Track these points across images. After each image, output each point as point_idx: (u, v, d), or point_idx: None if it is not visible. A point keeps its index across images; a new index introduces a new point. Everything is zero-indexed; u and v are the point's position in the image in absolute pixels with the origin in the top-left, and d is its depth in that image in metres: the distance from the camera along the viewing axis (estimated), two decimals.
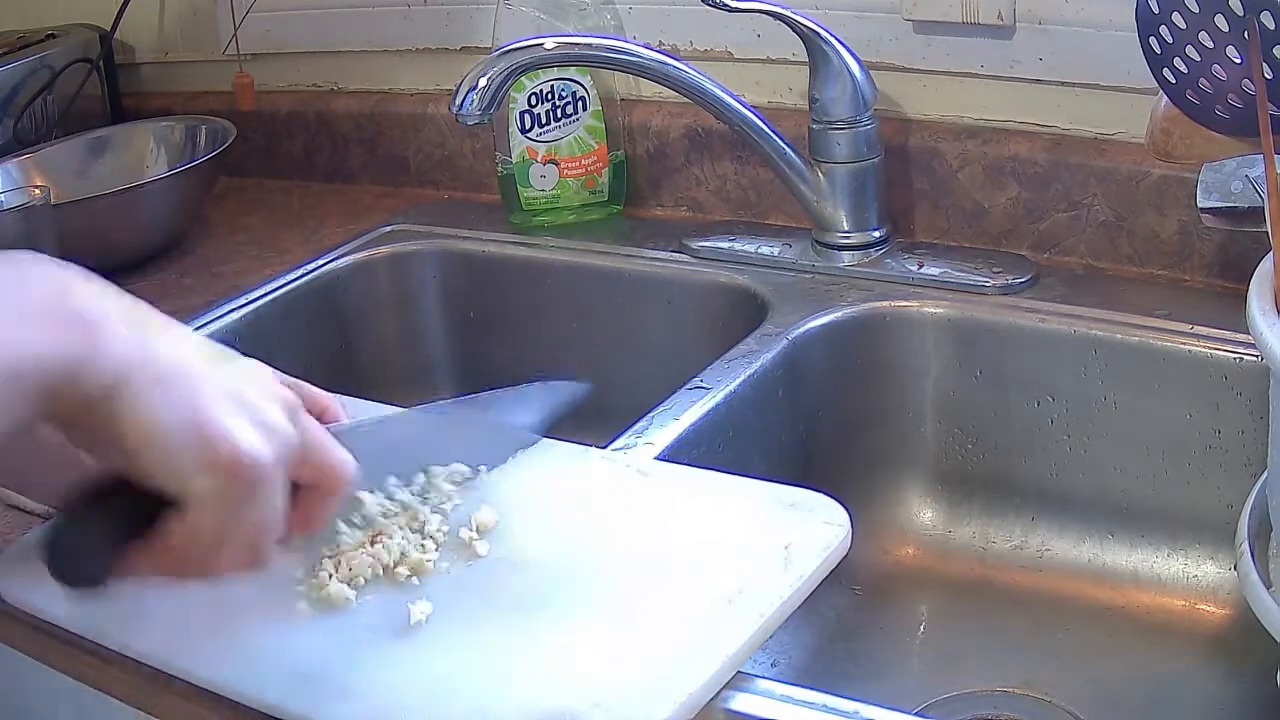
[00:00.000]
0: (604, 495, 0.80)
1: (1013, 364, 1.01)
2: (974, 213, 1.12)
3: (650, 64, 1.07)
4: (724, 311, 1.12)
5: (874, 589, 1.03)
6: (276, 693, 0.67)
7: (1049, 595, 1.00)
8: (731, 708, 0.66)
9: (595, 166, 1.23)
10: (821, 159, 1.09)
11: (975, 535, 1.05)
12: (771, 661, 0.95)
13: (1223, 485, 0.95)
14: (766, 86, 1.21)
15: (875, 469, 1.07)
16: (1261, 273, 0.72)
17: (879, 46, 1.13)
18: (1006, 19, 1.07)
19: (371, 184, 1.42)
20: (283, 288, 1.19)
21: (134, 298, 0.61)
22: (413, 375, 1.28)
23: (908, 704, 0.91)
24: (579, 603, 0.71)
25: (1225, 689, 0.92)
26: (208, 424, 0.57)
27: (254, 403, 0.59)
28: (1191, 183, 0.92)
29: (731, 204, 1.23)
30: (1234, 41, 0.76)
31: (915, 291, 1.06)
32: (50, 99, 1.43)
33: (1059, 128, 1.10)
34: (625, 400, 1.02)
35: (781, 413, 1.01)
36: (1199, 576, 0.97)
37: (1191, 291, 1.03)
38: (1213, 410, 0.94)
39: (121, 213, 1.22)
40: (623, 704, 0.63)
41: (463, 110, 1.02)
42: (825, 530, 0.74)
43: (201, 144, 1.34)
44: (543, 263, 1.21)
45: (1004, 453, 1.03)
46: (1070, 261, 1.08)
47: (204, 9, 1.49)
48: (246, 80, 1.45)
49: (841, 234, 1.10)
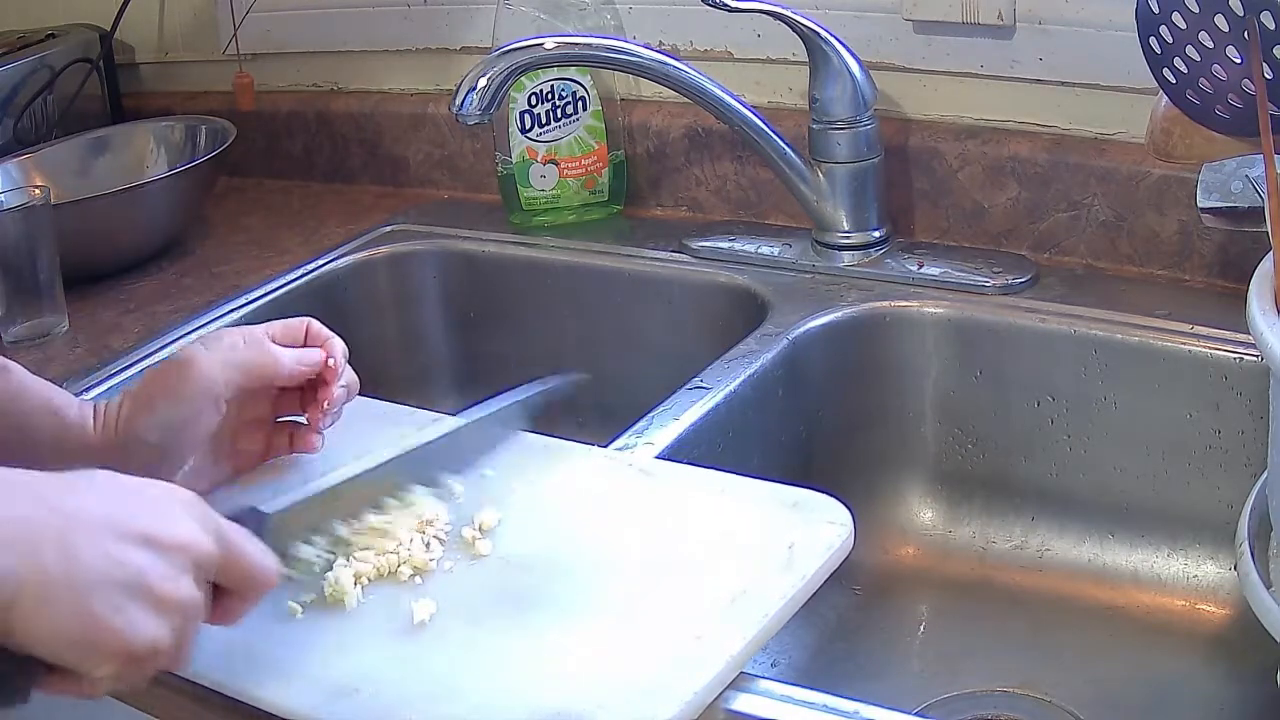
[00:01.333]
0: (607, 495, 0.80)
1: (1013, 364, 1.01)
2: (974, 213, 1.12)
3: (650, 64, 1.07)
4: (724, 311, 1.12)
5: (874, 589, 1.03)
6: (278, 692, 0.67)
7: (1049, 595, 1.00)
8: (732, 708, 0.66)
9: (595, 166, 1.24)
10: (821, 159, 1.09)
11: (975, 535, 1.05)
12: (772, 661, 0.95)
13: (1223, 485, 0.95)
14: (766, 86, 1.21)
15: (875, 469, 1.07)
16: (1261, 273, 0.72)
17: (879, 46, 1.13)
18: (1006, 19, 1.07)
19: (371, 184, 1.42)
20: (283, 288, 1.20)
21: (26, 473, 0.60)
22: (413, 375, 1.28)
23: (908, 704, 0.91)
24: (581, 602, 0.71)
25: (1225, 689, 0.92)
26: (99, 632, 0.58)
27: (148, 581, 0.60)
28: (1191, 183, 0.92)
29: (731, 204, 1.23)
30: (1234, 41, 0.76)
31: (915, 291, 1.06)
32: (50, 99, 1.43)
33: (1059, 128, 1.10)
34: (625, 400, 1.02)
35: (781, 413, 1.01)
36: (1199, 576, 0.97)
37: (1191, 291, 1.03)
38: (1213, 410, 0.94)
39: (121, 213, 1.22)
40: (625, 704, 0.63)
41: (463, 110, 1.02)
42: (828, 530, 0.74)
43: (201, 144, 1.34)
44: (543, 263, 1.21)
45: (1004, 453, 1.03)
46: (1070, 261, 1.08)
47: (204, 9, 1.49)
48: (246, 80, 1.45)
49: (841, 234, 1.10)
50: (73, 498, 0.60)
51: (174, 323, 1.13)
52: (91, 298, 1.19)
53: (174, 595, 0.60)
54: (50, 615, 0.57)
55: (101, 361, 1.07)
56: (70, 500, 0.60)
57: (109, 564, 0.59)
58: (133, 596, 0.59)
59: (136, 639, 0.59)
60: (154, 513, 0.62)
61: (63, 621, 0.57)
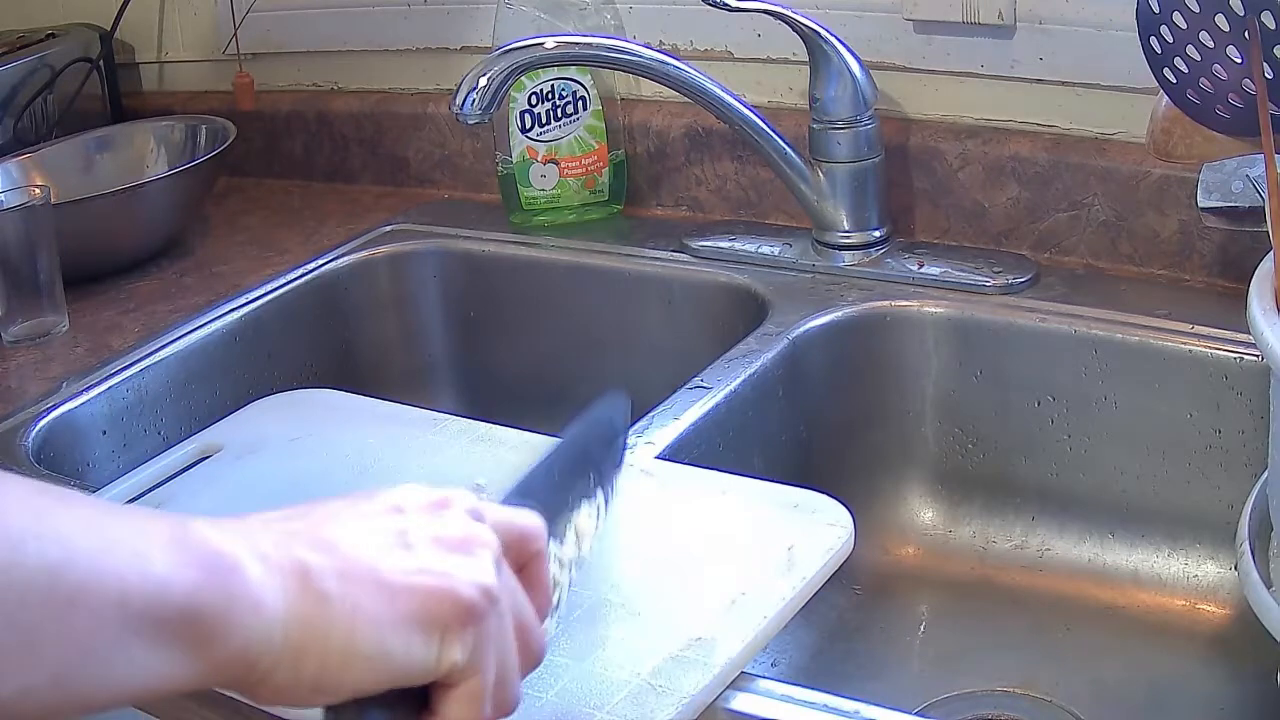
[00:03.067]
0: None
1: (1013, 364, 1.01)
2: (974, 212, 1.12)
3: (650, 64, 1.07)
4: (724, 311, 1.12)
5: (874, 589, 1.03)
6: None
7: (1049, 595, 1.00)
8: (732, 707, 0.66)
9: (595, 166, 1.23)
10: (822, 159, 1.09)
11: (975, 535, 1.05)
12: (772, 661, 0.95)
13: (1223, 485, 0.95)
14: (767, 86, 1.21)
15: (875, 469, 1.07)
16: (1262, 272, 0.72)
17: (879, 46, 1.13)
18: (1007, 19, 1.07)
19: (371, 184, 1.42)
20: (283, 287, 1.19)
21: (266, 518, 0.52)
22: (413, 375, 1.28)
23: (908, 704, 0.91)
24: (581, 602, 0.71)
25: (1225, 689, 0.92)
26: (413, 604, 0.49)
27: (425, 527, 0.52)
28: (1192, 182, 0.93)
29: (731, 204, 1.23)
30: (1234, 41, 0.76)
31: (915, 291, 1.06)
32: (50, 99, 1.43)
33: (1059, 128, 1.10)
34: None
35: (781, 412, 1.01)
36: (1199, 576, 0.97)
37: (1192, 291, 1.03)
38: (1213, 410, 0.94)
39: (121, 213, 1.22)
40: (625, 705, 0.63)
41: (463, 110, 1.02)
42: (828, 532, 0.74)
43: (201, 144, 1.34)
44: (543, 263, 1.21)
45: (1004, 453, 1.03)
46: (1070, 261, 1.08)
47: (204, 9, 1.49)
48: (246, 80, 1.45)
49: (842, 234, 1.10)
50: (290, 513, 0.52)
51: (174, 322, 1.13)
52: (91, 298, 1.19)
53: (464, 533, 0.52)
54: (351, 612, 0.48)
55: (101, 361, 1.07)
56: (289, 513, 0.52)
57: (375, 535, 0.50)
58: (420, 551, 0.50)
59: (459, 586, 0.49)
60: (388, 492, 0.54)
61: (370, 614, 0.48)
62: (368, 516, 0.52)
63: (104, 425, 1.03)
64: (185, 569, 0.46)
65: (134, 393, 1.06)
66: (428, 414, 0.92)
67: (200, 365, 1.11)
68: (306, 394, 1.00)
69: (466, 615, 0.50)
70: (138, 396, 1.06)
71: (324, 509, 0.53)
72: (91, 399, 1.03)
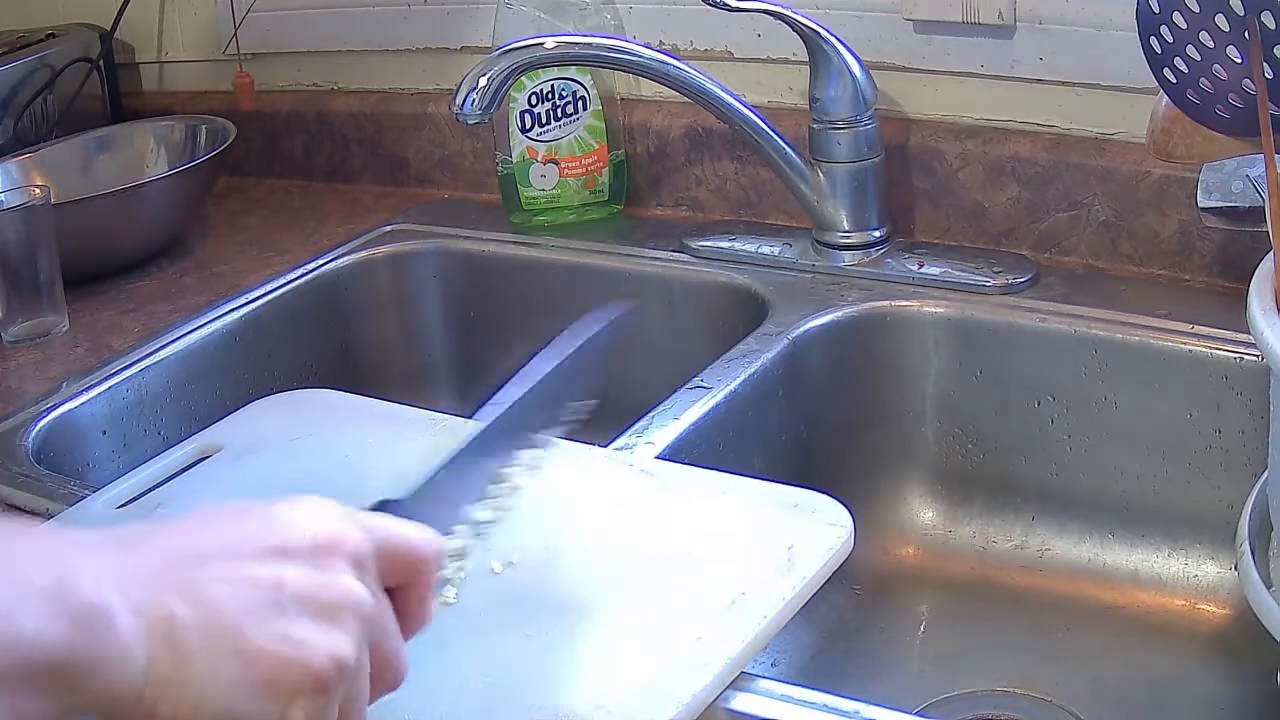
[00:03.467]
0: (607, 494, 0.80)
1: (1013, 364, 1.01)
2: (974, 212, 1.12)
3: (650, 64, 1.07)
4: (724, 311, 1.12)
5: (874, 589, 1.03)
6: None
7: (1049, 595, 1.00)
8: (732, 707, 0.66)
9: (595, 166, 1.23)
10: (822, 159, 1.09)
11: (975, 535, 1.05)
12: (771, 661, 0.95)
13: (1223, 485, 0.95)
14: (767, 86, 1.21)
15: (875, 469, 1.07)
16: (1262, 272, 0.72)
17: (879, 46, 1.13)
18: (1006, 19, 1.07)
19: (371, 184, 1.42)
20: (283, 287, 1.19)
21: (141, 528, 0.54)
22: (413, 375, 1.28)
23: (908, 704, 0.91)
24: (580, 602, 0.71)
25: (1225, 689, 0.92)
26: (268, 668, 0.50)
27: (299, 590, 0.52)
28: (1192, 182, 0.93)
29: (731, 204, 1.23)
30: (1234, 41, 0.76)
31: (915, 291, 1.06)
32: (50, 99, 1.43)
33: (1059, 128, 1.10)
34: (625, 400, 1.01)
35: (781, 412, 1.01)
36: (1199, 576, 0.97)
37: (1192, 291, 1.03)
38: (1213, 410, 0.94)
39: (121, 213, 1.22)
40: (625, 705, 0.63)
41: (463, 110, 1.02)
42: (828, 532, 0.74)
43: (201, 144, 1.34)
44: (543, 263, 1.21)
45: (1004, 453, 1.03)
46: (1070, 261, 1.08)
47: (204, 9, 1.49)
48: (246, 80, 1.45)
49: (842, 234, 1.10)
50: (180, 539, 0.53)
51: (174, 322, 1.13)
52: (91, 298, 1.19)
53: (336, 596, 0.52)
54: (206, 672, 0.49)
55: (101, 361, 1.07)
56: (178, 542, 0.53)
57: (247, 589, 0.51)
58: (287, 613, 0.51)
59: (313, 658, 0.50)
60: (277, 523, 0.54)
61: (223, 675, 0.49)
62: (249, 561, 0.52)
63: (104, 425, 1.03)
64: (56, 621, 0.47)
65: (134, 393, 1.06)
66: (428, 414, 0.92)
67: (200, 365, 1.11)
68: (306, 394, 0.99)
69: (316, 686, 0.51)
70: (138, 396, 1.06)
71: (218, 536, 0.53)
72: (91, 399, 1.03)
